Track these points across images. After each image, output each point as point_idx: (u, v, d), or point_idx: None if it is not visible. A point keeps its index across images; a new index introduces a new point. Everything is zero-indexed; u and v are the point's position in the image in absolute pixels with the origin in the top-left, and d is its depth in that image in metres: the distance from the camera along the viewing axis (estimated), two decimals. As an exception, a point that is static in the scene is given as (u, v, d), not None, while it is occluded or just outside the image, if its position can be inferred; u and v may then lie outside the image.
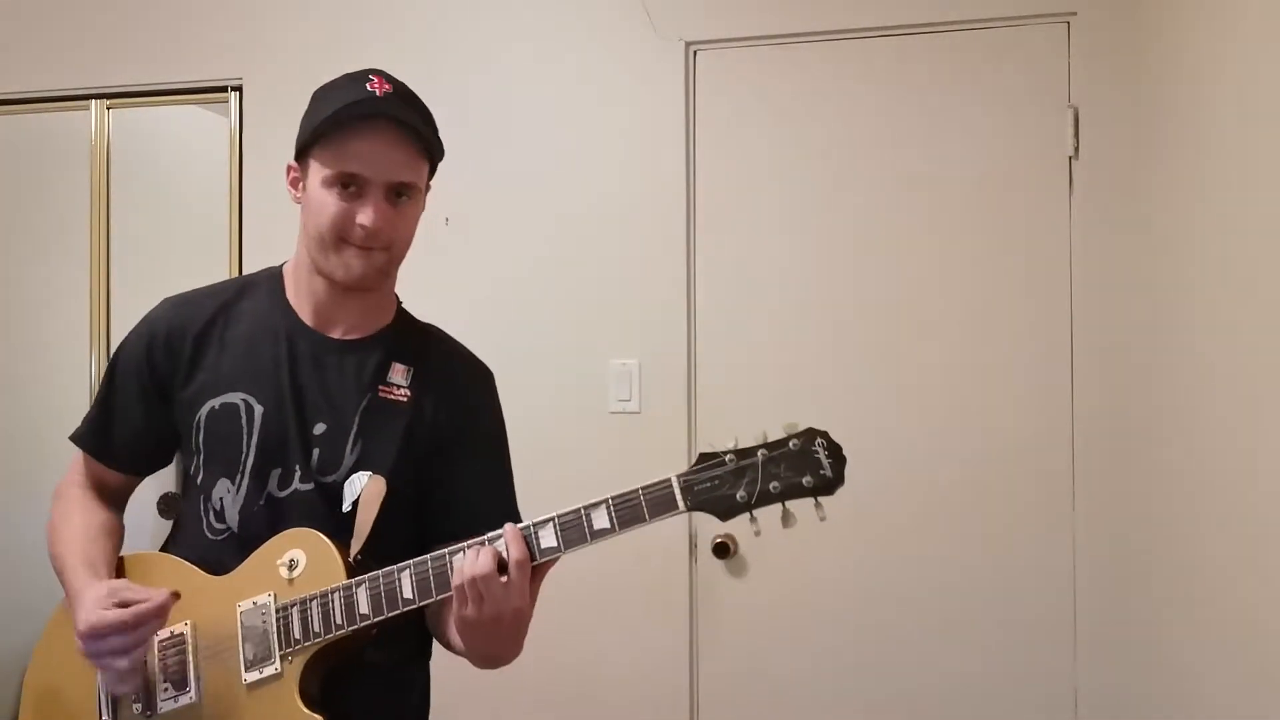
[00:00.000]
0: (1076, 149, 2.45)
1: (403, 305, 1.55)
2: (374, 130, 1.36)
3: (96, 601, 1.32)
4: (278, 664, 1.33)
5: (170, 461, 1.55)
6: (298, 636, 1.33)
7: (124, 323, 3.16)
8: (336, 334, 1.46)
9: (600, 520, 1.25)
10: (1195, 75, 1.99)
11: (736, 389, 2.61)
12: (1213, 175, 1.87)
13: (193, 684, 1.37)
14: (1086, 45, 2.44)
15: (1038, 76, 2.48)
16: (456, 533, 1.34)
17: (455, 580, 1.24)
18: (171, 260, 3.41)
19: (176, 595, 1.34)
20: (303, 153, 1.41)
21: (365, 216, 1.36)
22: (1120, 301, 2.39)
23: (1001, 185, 2.51)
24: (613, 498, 1.25)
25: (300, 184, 1.43)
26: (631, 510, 1.24)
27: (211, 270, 2.99)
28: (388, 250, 1.40)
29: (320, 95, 1.42)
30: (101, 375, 1.56)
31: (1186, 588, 1.99)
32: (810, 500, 1.23)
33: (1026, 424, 2.48)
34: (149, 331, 1.50)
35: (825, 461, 1.23)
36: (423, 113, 1.41)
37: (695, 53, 2.68)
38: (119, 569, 1.46)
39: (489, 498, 1.45)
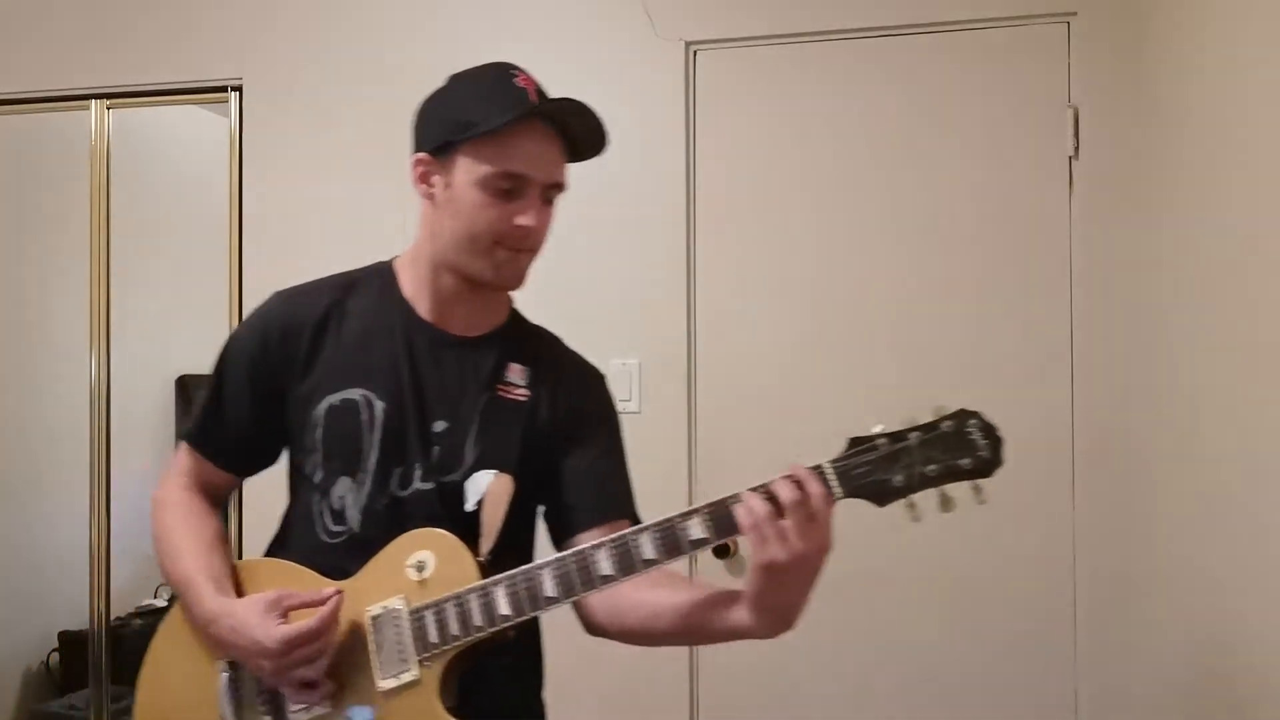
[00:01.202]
0: (1076, 149, 2.44)
1: (514, 306, 1.53)
2: (534, 131, 1.34)
3: (262, 618, 1.29)
4: (415, 670, 1.29)
5: (276, 461, 1.51)
6: (435, 640, 1.28)
7: (124, 323, 3.20)
8: (454, 330, 1.43)
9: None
10: (1195, 75, 1.99)
11: (736, 389, 2.61)
12: (1213, 175, 1.87)
13: (327, 684, 1.32)
14: (1086, 45, 2.44)
15: (1038, 76, 2.48)
16: (580, 528, 1.34)
17: (749, 521, 1.16)
18: (171, 260, 3.42)
19: (339, 591, 1.31)
20: (443, 148, 1.36)
21: (527, 218, 1.34)
22: (1120, 301, 2.39)
23: (1001, 185, 2.51)
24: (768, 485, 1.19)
25: (431, 179, 1.38)
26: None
27: (211, 270, 2.99)
28: (534, 252, 1.39)
29: (462, 90, 1.38)
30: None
31: (1186, 588, 1.99)
32: (967, 484, 1.19)
33: (1026, 424, 2.47)
34: (262, 326, 1.46)
35: (981, 442, 1.20)
36: (574, 105, 1.39)
37: (695, 53, 2.68)
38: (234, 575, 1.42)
39: (608, 497, 1.42)
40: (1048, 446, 2.46)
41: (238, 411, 1.46)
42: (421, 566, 1.31)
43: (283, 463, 1.52)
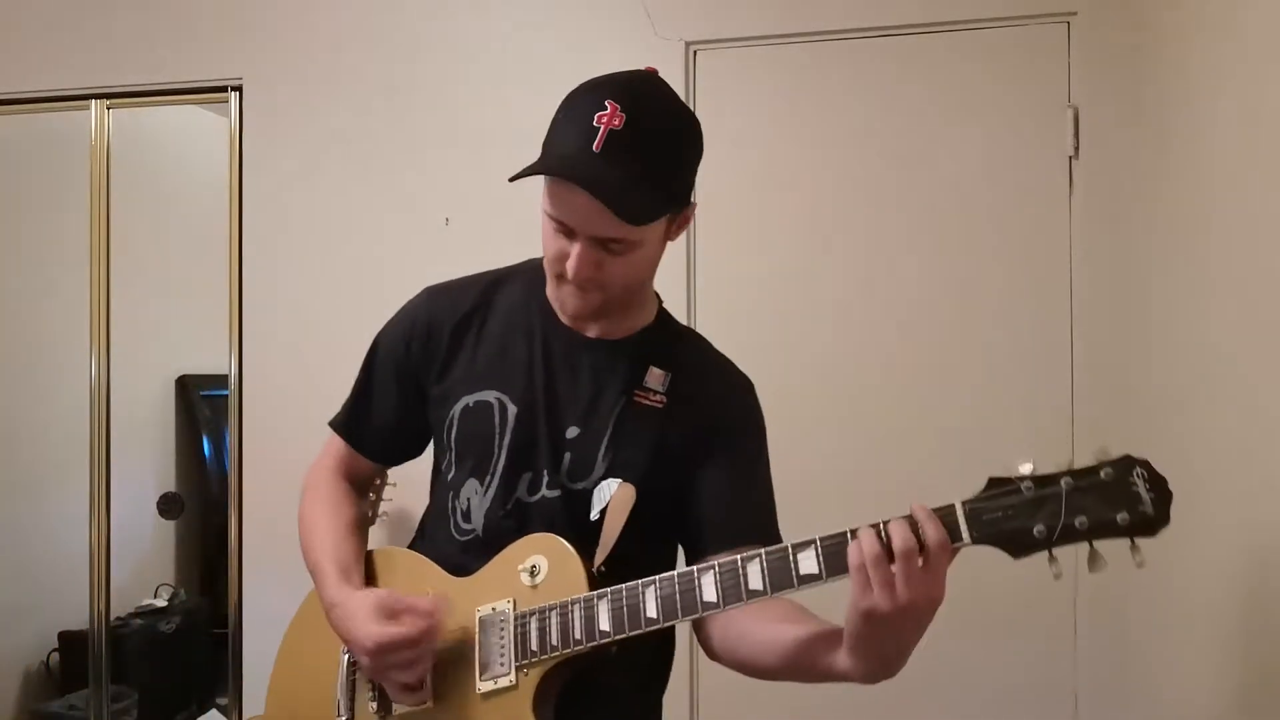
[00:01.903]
0: (1076, 149, 2.44)
1: (663, 306, 1.48)
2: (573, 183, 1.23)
3: (370, 616, 1.28)
4: (513, 675, 1.27)
5: (421, 453, 1.52)
6: (535, 649, 1.26)
7: (124, 323, 3.20)
8: (593, 333, 1.39)
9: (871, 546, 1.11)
10: (1195, 75, 1.99)
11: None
12: (1213, 175, 1.87)
13: (428, 687, 1.32)
14: (1086, 45, 2.44)
15: (1038, 76, 2.48)
16: (708, 549, 1.28)
17: (858, 561, 1.09)
18: (171, 260, 3.42)
19: (444, 597, 1.30)
20: None
21: (570, 262, 1.28)
22: (1120, 301, 2.39)
23: (1001, 185, 2.51)
24: (884, 524, 1.12)
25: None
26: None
27: (211, 270, 2.99)
28: (602, 290, 1.31)
29: (564, 107, 1.31)
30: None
31: (1187, 587, 1.99)
32: (1124, 540, 1.08)
33: (1026, 424, 2.48)
34: (408, 321, 1.46)
35: (1146, 495, 1.09)
36: (647, 160, 1.25)
37: (695, 53, 2.68)
38: (368, 561, 1.44)
39: (740, 518, 1.35)
40: (1048, 446, 2.45)
41: (383, 404, 1.47)
42: (535, 571, 1.29)
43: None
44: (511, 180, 1.26)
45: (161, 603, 3.43)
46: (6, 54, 3.10)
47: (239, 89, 2.95)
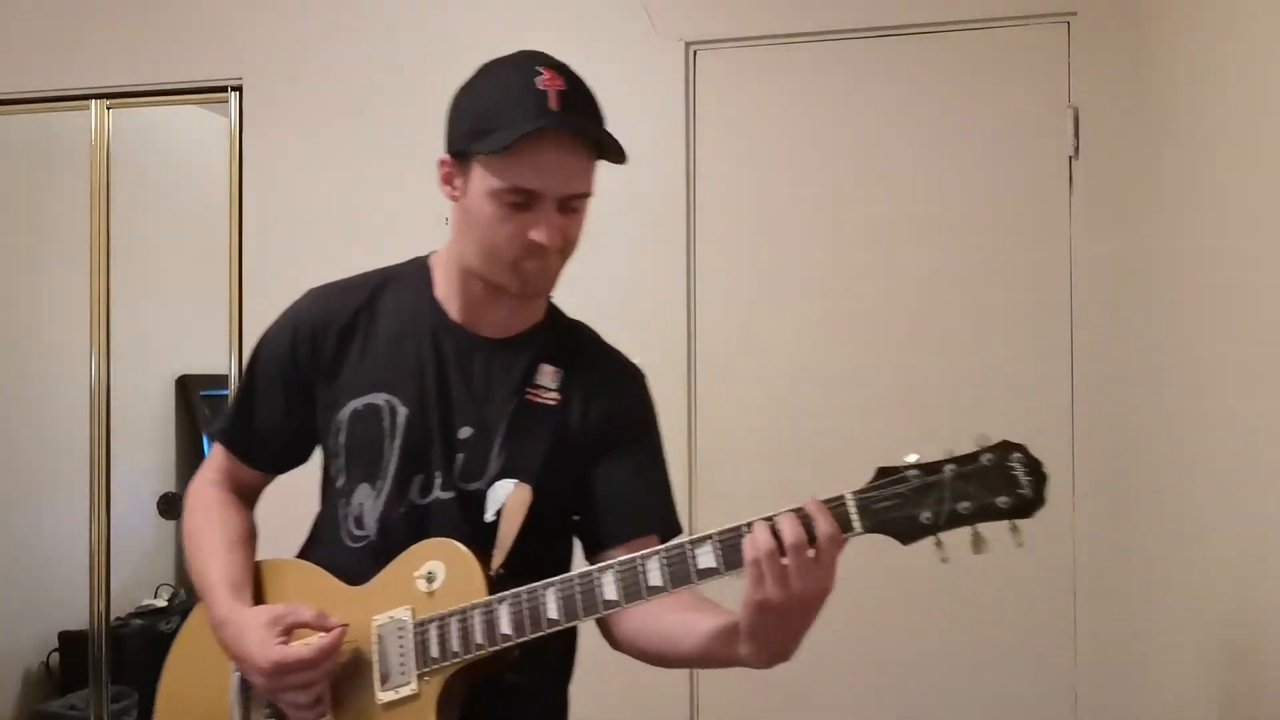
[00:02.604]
0: (1076, 149, 2.44)
1: (553, 301, 1.46)
2: (547, 141, 1.24)
3: (264, 634, 1.27)
4: (414, 684, 1.25)
5: (307, 460, 1.49)
6: (435, 655, 1.24)
7: (124, 323, 3.20)
8: (485, 332, 1.37)
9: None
10: (1195, 75, 1.99)
11: (736, 389, 2.60)
12: (1213, 175, 1.87)
13: (326, 701, 1.29)
14: (1086, 45, 2.44)
15: (1038, 76, 2.48)
16: (606, 545, 1.28)
17: (751, 555, 1.10)
18: (171, 260, 3.42)
19: (344, 625, 1.28)
20: (462, 154, 1.29)
21: (540, 234, 1.26)
22: (1120, 301, 2.39)
23: (1001, 185, 2.51)
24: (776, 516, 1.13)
25: (454, 181, 1.31)
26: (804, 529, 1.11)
27: (211, 270, 2.99)
28: (564, 255, 1.33)
29: (485, 90, 1.28)
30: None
31: (1187, 587, 1.99)
32: (1005, 523, 1.10)
33: (1026, 424, 2.46)
34: (292, 325, 1.42)
35: (1024, 479, 1.11)
36: (595, 107, 1.30)
37: (695, 53, 2.68)
38: (257, 573, 1.42)
39: (638, 511, 1.34)
40: (1048, 446, 2.45)
41: (268, 411, 1.44)
42: (431, 577, 1.28)
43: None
44: (505, 149, 1.22)
45: (161, 603, 3.42)
46: (6, 54, 3.10)
47: (239, 89, 2.95)
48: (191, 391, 3.63)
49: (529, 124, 1.22)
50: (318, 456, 1.46)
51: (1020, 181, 2.49)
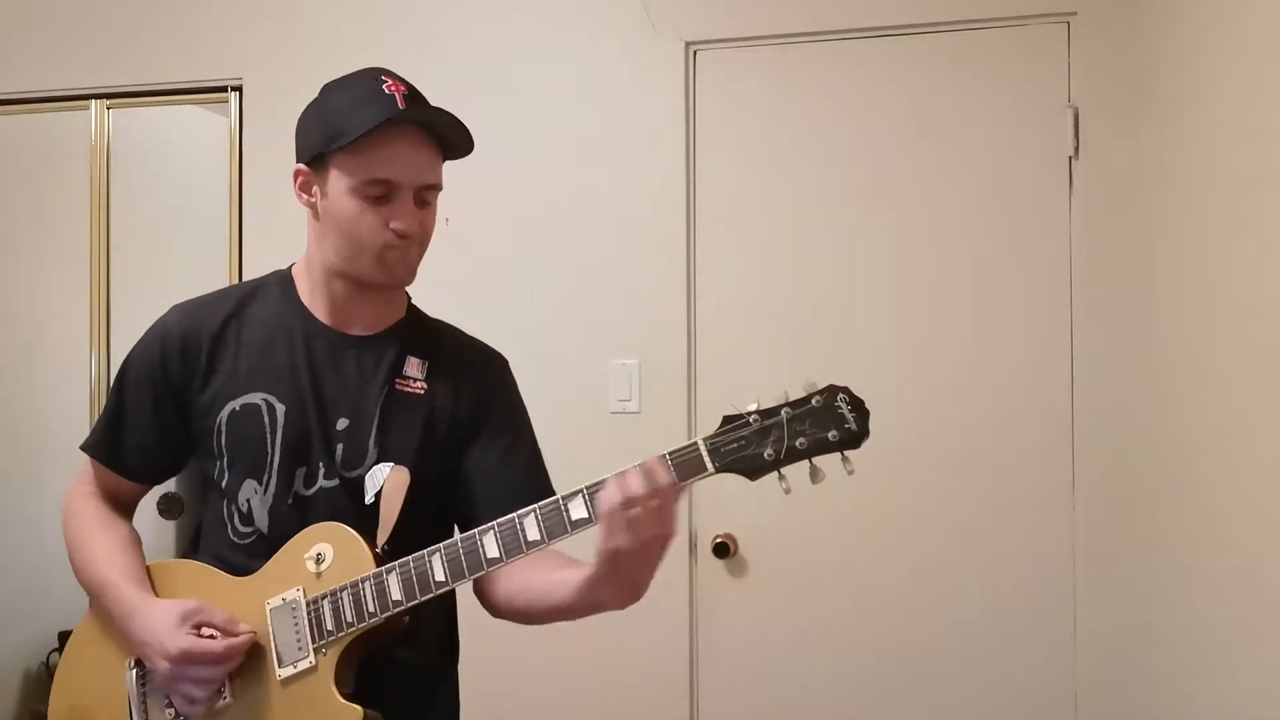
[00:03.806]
0: (1076, 149, 2.45)
1: (412, 301, 1.56)
2: (401, 136, 1.36)
3: (177, 623, 1.34)
4: (311, 657, 1.33)
5: (181, 469, 1.54)
6: (330, 628, 1.32)
7: (124, 323, 3.20)
8: (353, 331, 1.47)
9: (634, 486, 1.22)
10: (1195, 75, 1.99)
11: (736, 389, 2.59)
12: (1213, 175, 1.87)
13: (226, 685, 1.36)
14: (1086, 45, 2.44)
15: (1038, 76, 2.48)
16: (485, 517, 1.33)
17: (604, 509, 1.21)
18: (171, 260, 3.41)
19: (253, 632, 1.35)
20: (317, 159, 1.40)
21: (400, 223, 1.37)
22: (1120, 301, 2.39)
23: (1001, 185, 2.51)
24: (640, 466, 1.23)
25: (311, 189, 1.42)
26: (659, 476, 1.22)
27: (211, 270, 2.99)
28: (422, 246, 1.43)
29: (332, 101, 1.40)
30: (110, 379, 1.56)
31: (1187, 587, 1.99)
32: (838, 456, 1.24)
33: (1026, 424, 2.48)
34: (160, 338, 1.49)
35: (849, 415, 1.24)
36: (437, 109, 1.41)
37: (695, 53, 2.68)
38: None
39: (516, 479, 1.44)
40: (1048, 446, 2.46)
41: (138, 422, 1.49)
42: (320, 559, 1.35)
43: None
44: (358, 139, 1.34)
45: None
46: (6, 54, 3.10)
47: (239, 89, 2.95)
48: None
49: (382, 116, 1.34)
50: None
51: (1020, 181, 2.49)
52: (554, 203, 2.74)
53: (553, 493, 1.39)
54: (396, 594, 1.30)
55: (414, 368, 1.46)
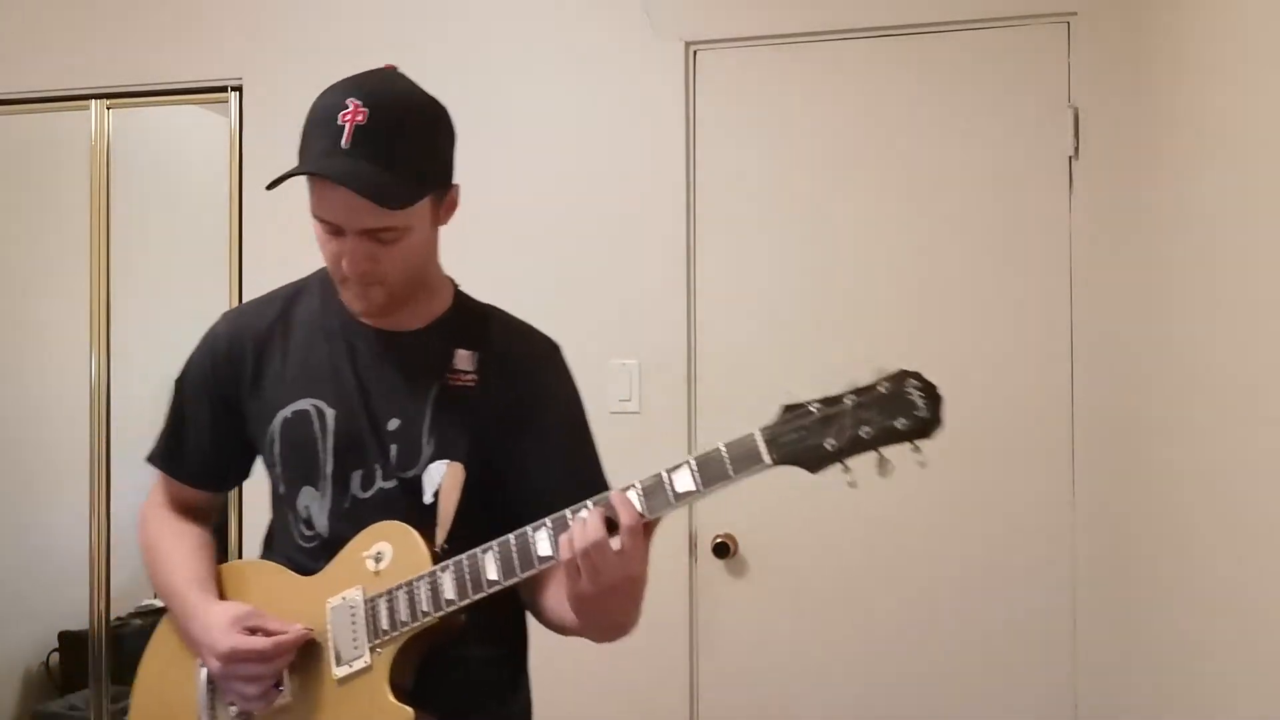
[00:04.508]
0: (1076, 149, 2.44)
1: (460, 288, 1.51)
2: (328, 180, 1.27)
3: (230, 625, 1.34)
4: (367, 656, 1.32)
5: (248, 475, 1.54)
6: (385, 627, 1.31)
7: (124, 323, 3.20)
8: (394, 327, 1.43)
9: (683, 482, 1.20)
10: (1195, 75, 1.99)
11: (736, 389, 2.60)
12: (1212, 174, 1.87)
13: (286, 683, 1.36)
14: (1086, 45, 2.44)
15: (1038, 76, 2.48)
16: (539, 512, 1.30)
17: (564, 554, 1.19)
18: (171, 260, 3.42)
19: (308, 630, 1.35)
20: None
21: (346, 262, 1.32)
22: (1120, 302, 2.39)
23: (1001, 185, 2.51)
24: (694, 457, 1.19)
25: None
26: (715, 468, 1.18)
27: (211, 270, 2.99)
28: (383, 284, 1.34)
29: (310, 115, 1.33)
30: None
31: (1187, 587, 1.99)
32: (906, 446, 1.17)
33: (1026, 424, 2.48)
34: (210, 348, 1.49)
35: (920, 402, 1.18)
36: (395, 148, 1.28)
37: (695, 53, 2.68)
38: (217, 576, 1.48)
39: (569, 473, 1.40)
40: (1048, 445, 2.46)
41: (198, 431, 1.50)
42: (379, 557, 1.34)
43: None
44: (269, 187, 1.28)
45: (161, 603, 3.42)
46: (6, 54, 3.10)
47: (239, 89, 2.95)
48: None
49: (303, 164, 1.29)
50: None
51: (1020, 181, 2.49)
52: (553, 202, 2.74)
53: (606, 486, 1.37)
54: (450, 593, 1.28)
55: (464, 360, 1.41)
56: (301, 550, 1.42)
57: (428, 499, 1.36)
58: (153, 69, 3.00)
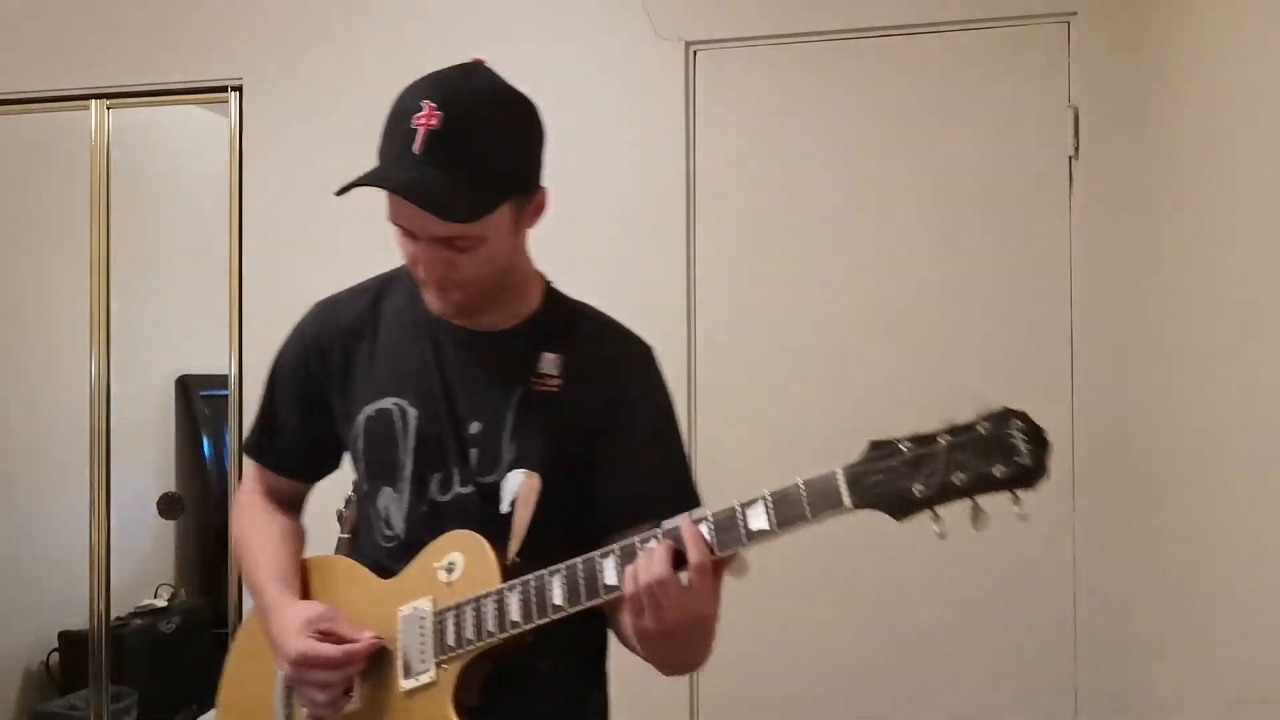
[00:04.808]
0: (1076, 149, 2.44)
1: (552, 285, 1.46)
2: None
3: (302, 628, 1.31)
4: (433, 671, 1.29)
5: (340, 465, 1.52)
6: (451, 643, 1.27)
7: (124, 323, 3.20)
8: (481, 327, 1.37)
9: (758, 520, 1.12)
10: (1195, 75, 1.99)
11: (736, 388, 2.60)
12: (1212, 174, 1.87)
13: (355, 690, 1.34)
14: (1086, 45, 2.44)
15: (1038, 76, 2.48)
16: (620, 528, 1.26)
17: (627, 588, 1.13)
18: (171, 260, 3.42)
19: (379, 639, 1.32)
20: None
21: (420, 268, 1.28)
22: (1120, 302, 2.39)
23: (1001, 185, 2.51)
24: (770, 493, 1.11)
25: None
26: (792, 508, 1.10)
27: (211, 270, 2.99)
28: (462, 289, 1.30)
29: (389, 115, 1.27)
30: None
31: (1187, 587, 1.99)
32: (1005, 495, 1.05)
33: (1026, 424, 2.47)
34: (300, 339, 1.47)
35: (1023, 447, 1.05)
36: (467, 155, 1.23)
37: (695, 53, 2.68)
38: (303, 569, 1.47)
39: (642, 495, 1.33)
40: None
41: (290, 423, 1.48)
42: (451, 568, 1.31)
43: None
44: (338, 194, 1.24)
45: (161, 603, 3.42)
46: (6, 54, 3.10)
47: (239, 89, 2.95)
48: (191, 391, 3.63)
49: (373, 172, 1.24)
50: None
51: (1020, 181, 2.49)
52: (554, 202, 2.72)
53: (693, 502, 1.32)
54: (515, 615, 1.23)
55: (550, 364, 1.35)
56: (382, 550, 1.39)
57: (504, 508, 1.32)
58: (153, 69, 3.00)
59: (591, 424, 1.34)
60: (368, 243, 2.95)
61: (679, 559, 1.12)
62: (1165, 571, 2.14)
